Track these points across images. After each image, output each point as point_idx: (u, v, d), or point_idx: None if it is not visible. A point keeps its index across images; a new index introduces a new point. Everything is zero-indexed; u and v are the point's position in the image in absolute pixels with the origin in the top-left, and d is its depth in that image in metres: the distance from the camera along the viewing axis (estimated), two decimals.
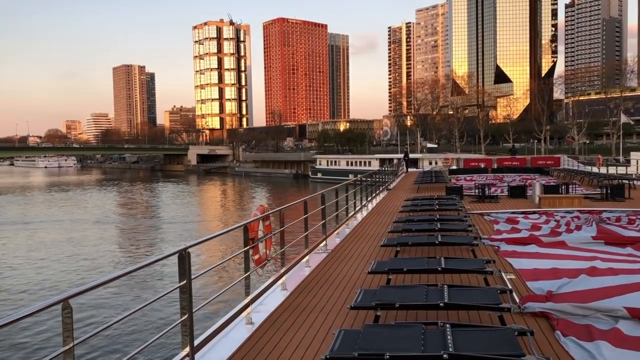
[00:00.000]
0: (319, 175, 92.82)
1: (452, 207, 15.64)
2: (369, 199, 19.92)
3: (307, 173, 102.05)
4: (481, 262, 7.66)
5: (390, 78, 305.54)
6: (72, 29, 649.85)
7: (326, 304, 7.08)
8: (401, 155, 76.14)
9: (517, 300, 6.59)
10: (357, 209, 16.86)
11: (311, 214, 9.69)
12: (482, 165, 38.78)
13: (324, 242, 10.98)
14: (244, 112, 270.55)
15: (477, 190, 20.72)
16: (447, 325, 4.85)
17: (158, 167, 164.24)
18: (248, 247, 6.57)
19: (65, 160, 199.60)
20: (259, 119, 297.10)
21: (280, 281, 7.91)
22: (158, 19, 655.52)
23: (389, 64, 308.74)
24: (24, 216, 50.42)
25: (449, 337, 4.61)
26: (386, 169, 31.46)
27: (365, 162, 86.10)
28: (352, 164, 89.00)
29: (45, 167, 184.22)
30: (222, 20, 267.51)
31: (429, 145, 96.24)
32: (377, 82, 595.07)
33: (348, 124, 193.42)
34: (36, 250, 32.07)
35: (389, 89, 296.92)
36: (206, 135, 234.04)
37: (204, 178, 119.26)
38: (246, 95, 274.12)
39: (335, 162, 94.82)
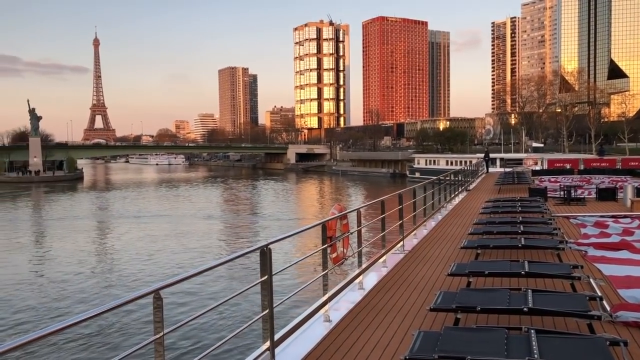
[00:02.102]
0: (417, 174, 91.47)
1: (535, 209, 15.07)
2: (447, 199, 19.49)
3: (405, 172, 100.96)
4: (567, 267, 7.41)
5: (493, 75, 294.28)
6: (181, 33, 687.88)
7: (404, 304, 7.07)
8: (504, 155, 73.37)
9: (608, 309, 6.30)
10: (435, 209, 16.57)
11: (388, 214, 9.69)
12: (568, 166, 36.53)
13: (402, 243, 10.86)
14: (341, 111, 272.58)
15: (562, 192, 19.87)
16: (532, 331, 4.74)
17: (259, 165, 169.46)
18: (326, 246, 6.64)
19: (175, 158, 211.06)
20: (357, 118, 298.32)
21: (357, 280, 7.92)
22: (261, 21, 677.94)
23: (492, 60, 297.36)
24: (137, 211, 53.98)
25: (534, 343, 4.51)
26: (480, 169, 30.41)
27: (465, 162, 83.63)
28: (452, 164, 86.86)
29: (157, 165, 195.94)
30: (322, 21, 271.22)
31: (535, 144, 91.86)
32: (479, 80, 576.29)
33: (448, 123, 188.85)
34: (143, 243, 34.36)
35: (492, 86, 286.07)
36: (305, 135, 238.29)
37: (302, 176, 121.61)
38: (344, 95, 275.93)
39: (434, 161, 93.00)
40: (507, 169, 43.68)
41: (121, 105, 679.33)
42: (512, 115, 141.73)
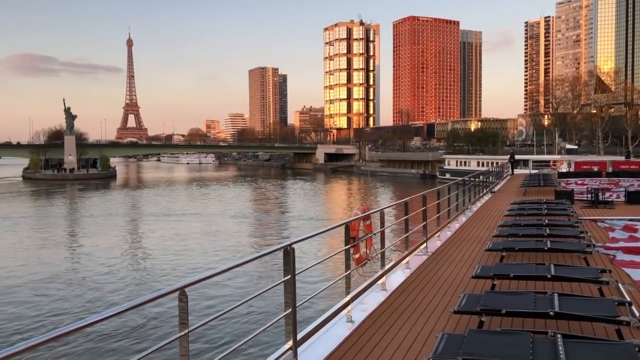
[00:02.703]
0: (448, 175, 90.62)
1: (562, 212, 14.76)
2: (472, 201, 19.29)
3: (435, 173, 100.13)
4: (595, 271, 7.24)
5: (526, 75, 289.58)
6: (213, 34, 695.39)
7: (427, 306, 7.02)
8: (537, 157, 72.12)
9: (637, 314, 6.11)
10: (459, 211, 16.39)
11: (412, 215, 9.62)
12: (596, 169, 35.67)
13: (425, 244, 10.78)
14: (371, 111, 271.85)
15: (589, 195, 19.42)
16: (559, 336, 4.65)
17: (288, 165, 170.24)
18: (349, 246, 6.62)
19: (205, 157, 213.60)
20: (386, 118, 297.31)
21: (380, 281, 7.90)
22: (292, 22, 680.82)
23: (526, 60, 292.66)
24: (168, 209, 54.82)
25: (560, 348, 4.43)
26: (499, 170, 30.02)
27: (497, 163, 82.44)
28: (483, 165, 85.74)
29: (187, 163, 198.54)
30: (352, 21, 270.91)
31: (568, 146, 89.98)
32: (511, 80, 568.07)
33: (479, 123, 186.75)
34: (172, 241, 34.88)
35: (525, 86, 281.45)
36: (334, 135, 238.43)
37: (330, 176, 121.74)
38: (374, 95, 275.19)
39: (465, 162, 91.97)
40: (533, 171, 43.05)
41: (153, 105, 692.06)
42: (545, 116, 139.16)
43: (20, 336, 16.76)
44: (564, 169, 48.89)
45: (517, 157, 78.58)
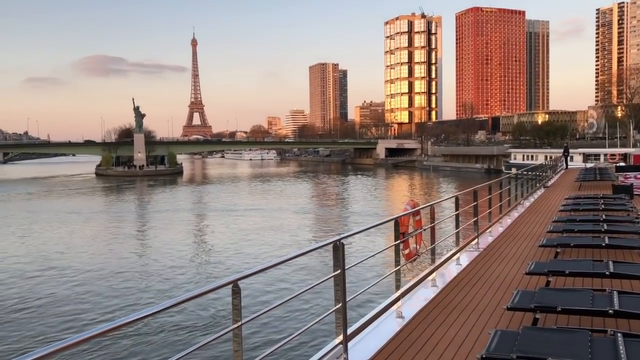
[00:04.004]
0: (514, 170, 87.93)
1: (620, 207, 14.16)
2: (524, 196, 18.81)
3: (500, 168, 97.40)
4: None
5: (597, 65, 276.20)
6: (274, 31, 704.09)
7: (479, 303, 6.93)
8: (611, 150, 68.87)
9: None
10: (511, 206, 16.01)
11: (462, 210, 9.49)
12: None
13: (476, 240, 10.62)
14: (433, 105, 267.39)
15: None
16: (619, 335, 4.51)
17: (348, 160, 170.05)
18: (399, 242, 6.60)
19: (267, 153, 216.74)
20: (449, 111, 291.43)
21: (430, 277, 7.85)
22: (352, 17, 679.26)
23: (597, 49, 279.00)
24: (231, 204, 56.10)
25: (621, 347, 4.30)
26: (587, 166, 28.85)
27: (569, 157, 79.26)
28: (550, 159, 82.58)
29: (250, 159, 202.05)
30: (413, 14, 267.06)
31: None
32: (581, 70, 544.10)
33: (547, 116, 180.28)
34: (234, 235, 35.71)
35: (596, 76, 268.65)
36: (395, 130, 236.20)
37: (391, 171, 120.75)
38: (436, 88, 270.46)
39: (532, 156, 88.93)
40: (588, 165, 41.28)
41: (217, 103, 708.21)
42: (619, 107, 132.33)
43: (86, 325, 17.76)
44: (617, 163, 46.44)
45: (588, 150, 75.45)
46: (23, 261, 28.16)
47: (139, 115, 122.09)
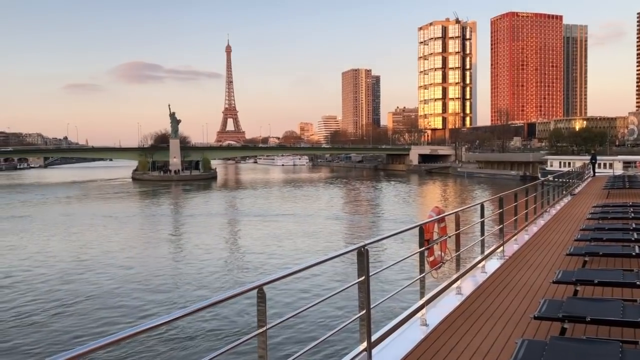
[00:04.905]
0: (550, 177, 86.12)
1: None
2: (550, 204, 18.47)
3: (536, 175, 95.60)
4: None
5: (638, 70, 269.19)
6: (307, 37, 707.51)
7: (505, 311, 6.83)
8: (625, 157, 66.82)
9: None
10: (537, 214, 15.69)
11: (488, 217, 9.31)
12: None
13: (502, 248, 10.47)
14: (467, 111, 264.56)
15: None
16: None
17: (381, 166, 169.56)
18: (423, 249, 6.56)
19: (299, 159, 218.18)
20: (483, 117, 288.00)
21: (455, 285, 7.77)
22: (385, 22, 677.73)
23: (638, 54, 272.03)
24: (264, 209, 56.56)
25: None
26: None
27: (605, 165, 77.48)
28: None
29: (282, 165, 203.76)
30: (447, 20, 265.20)
31: None
32: (621, 75, 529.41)
33: (585, 122, 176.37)
34: (265, 240, 35.96)
35: (637, 82, 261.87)
36: (428, 136, 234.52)
37: (425, 178, 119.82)
38: (470, 94, 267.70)
39: (569, 163, 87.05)
40: (617, 173, 40.17)
41: (250, 109, 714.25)
42: None
43: (119, 326, 18.03)
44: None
45: (628, 158, 73.40)
46: (63, 263, 28.99)
47: (175, 121, 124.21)
